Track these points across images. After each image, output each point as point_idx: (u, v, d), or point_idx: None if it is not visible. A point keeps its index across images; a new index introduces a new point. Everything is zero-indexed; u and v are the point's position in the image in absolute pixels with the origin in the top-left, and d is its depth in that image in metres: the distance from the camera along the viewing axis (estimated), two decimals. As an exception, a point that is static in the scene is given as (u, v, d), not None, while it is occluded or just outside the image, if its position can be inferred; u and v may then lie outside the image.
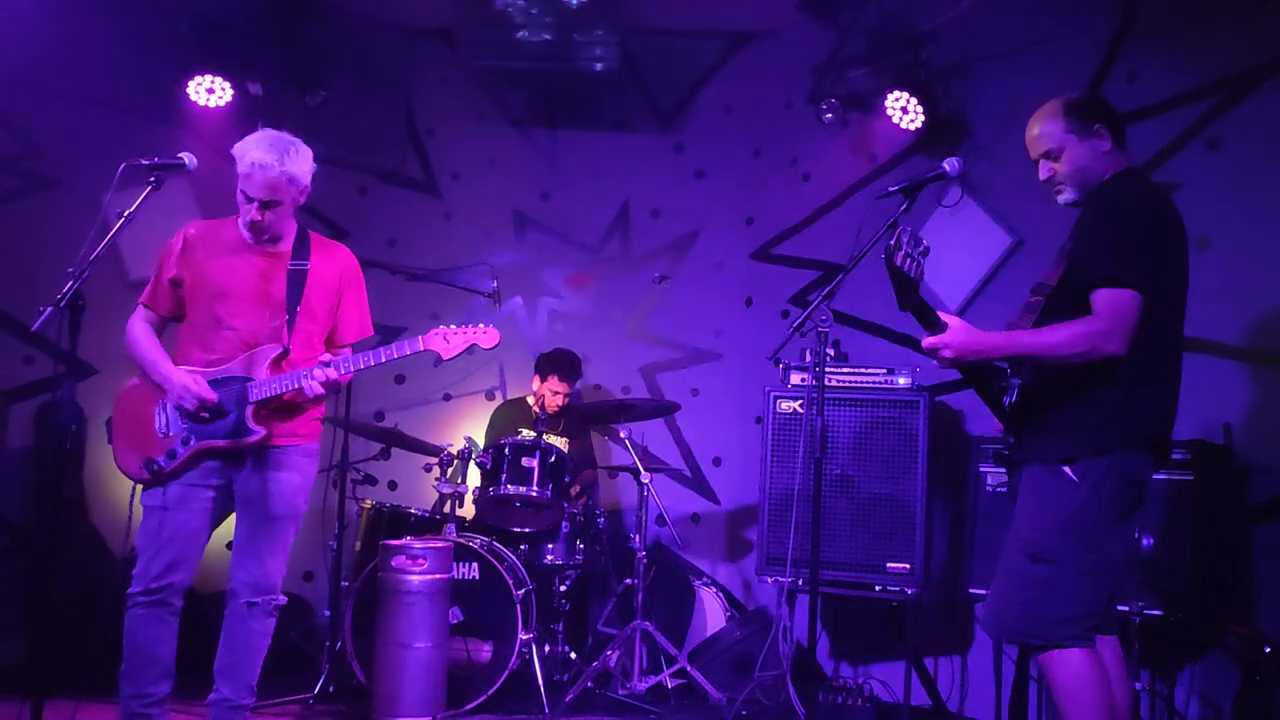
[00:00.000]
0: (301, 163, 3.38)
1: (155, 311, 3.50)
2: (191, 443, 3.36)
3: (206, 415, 3.33)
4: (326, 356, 3.42)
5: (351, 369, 3.42)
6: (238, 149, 3.35)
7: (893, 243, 2.65)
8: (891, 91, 4.93)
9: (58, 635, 2.99)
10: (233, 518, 3.51)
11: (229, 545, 4.13)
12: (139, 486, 3.43)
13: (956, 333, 2.79)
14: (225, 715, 3.39)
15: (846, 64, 5.16)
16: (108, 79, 5.27)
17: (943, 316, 2.83)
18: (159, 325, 3.51)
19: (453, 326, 3.55)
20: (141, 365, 3.44)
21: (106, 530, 5.15)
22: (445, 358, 3.53)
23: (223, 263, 3.43)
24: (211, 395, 3.32)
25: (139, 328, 3.48)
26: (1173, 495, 3.78)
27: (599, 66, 5.36)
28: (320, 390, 3.36)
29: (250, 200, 3.36)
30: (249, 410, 3.36)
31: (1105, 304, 2.68)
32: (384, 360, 3.45)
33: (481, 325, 3.57)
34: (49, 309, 2.81)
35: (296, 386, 3.35)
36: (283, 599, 3.47)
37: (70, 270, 2.85)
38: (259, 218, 3.38)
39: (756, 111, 5.71)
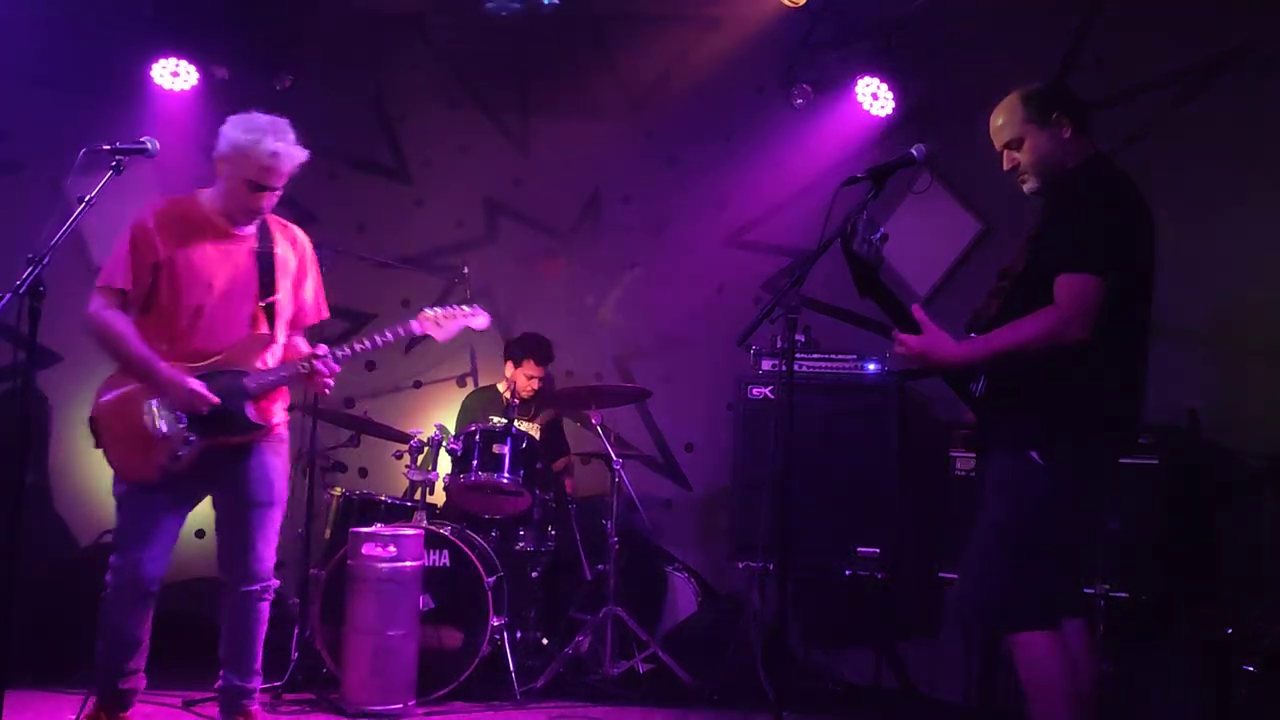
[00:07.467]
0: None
1: (128, 298, 3.30)
2: (194, 441, 3.30)
3: (207, 414, 3.28)
4: (322, 347, 3.43)
5: (349, 353, 3.44)
6: (243, 137, 3.25)
7: (848, 230, 2.65)
8: (862, 77, 4.94)
9: (21, 624, 2.98)
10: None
11: (197, 534, 4.09)
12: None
13: (928, 342, 2.79)
14: (235, 699, 3.46)
15: (817, 49, 5.16)
16: (71, 62, 5.19)
17: (917, 316, 2.82)
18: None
19: (440, 310, 3.60)
20: (132, 365, 3.30)
21: (70, 518, 5.10)
22: (441, 340, 3.60)
23: (201, 249, 3.34)
24: (216, 399, 3.26)
25: (120, 322, 3.29)
26: (1138, 479, 3.82)
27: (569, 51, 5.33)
28: (330, 383, 3.39)
29: (262, 189, 3.30)
30: (248, 404, 3.34)
31: (1066, 291, 2.69)
32: (379, 344, 3.48)
33: (467, 308, 3.63)
34: (8, 295, 2.77)
35: (294, 375, 3.37)
36: (277, 582, 3.50)
37: (30, 256, 2.80)
38: (269, 205, 3.36)
39: (727, 97, 5.69)
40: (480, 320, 3.65)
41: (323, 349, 3.42)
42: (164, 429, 3.30)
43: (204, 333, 3.34)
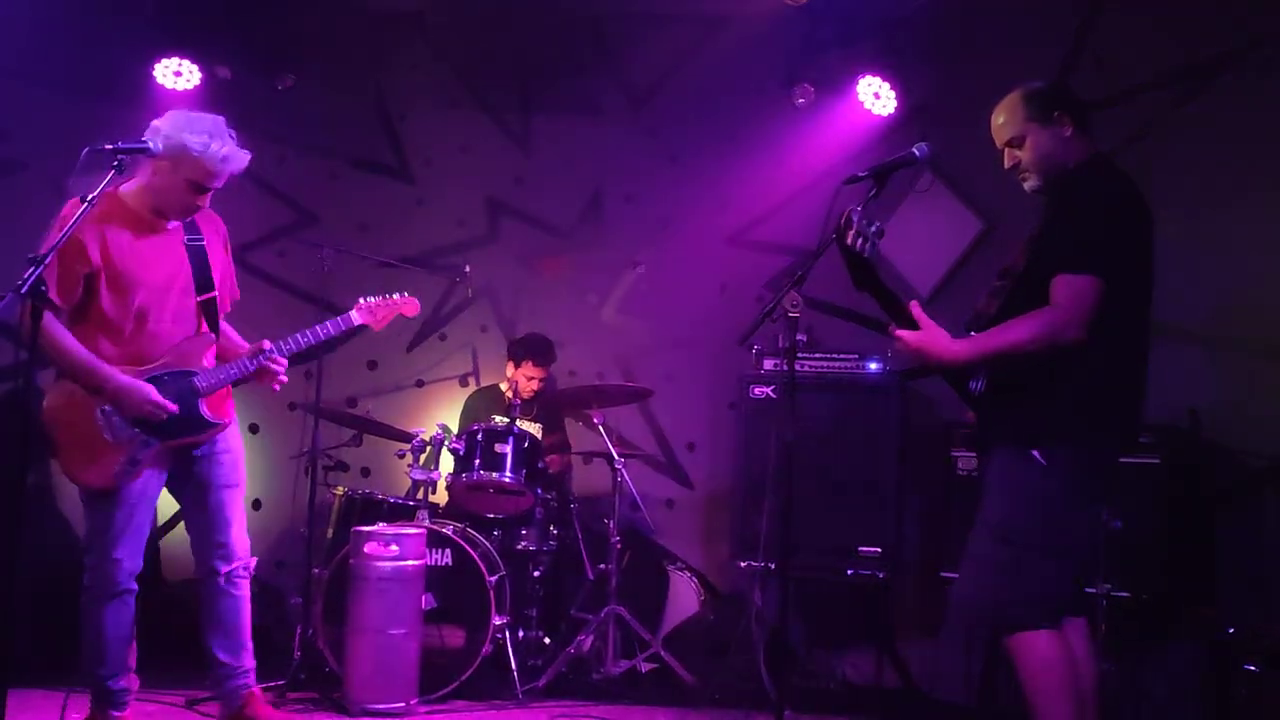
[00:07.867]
0: None
1: (65, 309, 3.23)
2: (152, 444, 3.31)
3: (163, 419, 3.30)
4: (266, 343, 3.46)
5: (291, 349, 3.48)
6: (193, 140, 3.19)
7: (843, 222, 2.66)
8: (864, 76, 4.94)
9: (21, 624, 2.97)
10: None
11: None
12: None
13: (926, 338, 2.80)
14: (234, 681, 3.48)
15: (819, 48, 5.16)
16: (73, 62, 5.20)
17: (915, 313, 2.83)
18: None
19: (375, 299, 3.70)
20: (77, 373, 3.25)
21: (72, 517, 5.10)
22: (376, 329, 3.75)
23: (136, 249, 3.30)
24: (173, 406, 3.28)
25: (63, 332, 3.22)
26: (1139, 478, 3.83)
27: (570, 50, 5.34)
28: (283, 378, 3.45)
29: (203, 190, 3.30)
30: (202, 404, 3.36)
31: (1064, 291, 2.70)
32: (322, 337, 3.56)
33: (399, 295, 3.77)
34: (9, 295, 2.76)
35: (243, 374, 3.41)
36: (254, 560, 3.55)
37: (30, 256, 2.79)
38: (206, 204, 3.36)
39: (730, 96, 5.69)
40: (411, 307, 3.80)
41: (267, 345, 3.44)
42: (119, 436, 3.28)
43: (149, 335, 3.33)
